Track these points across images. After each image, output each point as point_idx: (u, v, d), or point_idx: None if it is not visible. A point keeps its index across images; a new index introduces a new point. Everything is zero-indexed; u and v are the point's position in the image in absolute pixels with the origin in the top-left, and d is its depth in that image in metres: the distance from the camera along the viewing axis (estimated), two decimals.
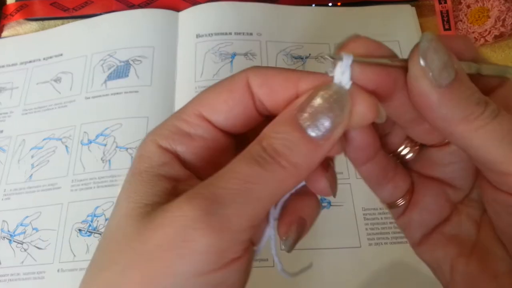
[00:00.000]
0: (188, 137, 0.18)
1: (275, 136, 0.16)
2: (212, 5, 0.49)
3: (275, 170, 0.16)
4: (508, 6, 0.46)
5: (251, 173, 0.16)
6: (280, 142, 0.16)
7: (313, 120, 0.16)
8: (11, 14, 0.53)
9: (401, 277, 0.37)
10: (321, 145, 0.16)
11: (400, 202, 0.21)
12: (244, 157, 0.16)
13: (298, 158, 0.16)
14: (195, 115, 0.18)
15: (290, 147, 0.16)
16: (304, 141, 0.16)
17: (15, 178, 0.43)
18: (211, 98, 0.18)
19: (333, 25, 0.49)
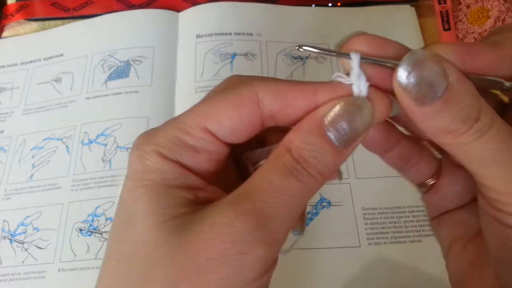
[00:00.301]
0: (193, 151, 0.18)
1: (305, 148, 0.17)
2: (212, 5, 0.49)
3: (307, 180, 0.17)
4: (508, 7, 0.46)
5: (289, 186, 0.17)
6: (310, 153, 0.17)
7: (339, 131, 0.17)
8: (12, 14, 0.53)
9: (401, 277, 0.37)
10: (345, 153, 0.18)
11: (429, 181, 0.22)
12: (278, 168, 0.17)
13: (325, 167, 0.17)
14: (199, 128, 0.18)
15: (319, 158, 0.17)
16: (331, 152, 0.17)
17: (15, 178, 0.43)
18: (216, 112, 0.18)
19: (333, 25, 0.49)
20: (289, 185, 0.17)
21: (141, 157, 0.18)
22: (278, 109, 0.18)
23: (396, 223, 0.39)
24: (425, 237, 0.38)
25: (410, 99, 0.16)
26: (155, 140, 0.18)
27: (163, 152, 0.18)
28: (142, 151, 0.18)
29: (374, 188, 0.40)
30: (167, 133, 0.18)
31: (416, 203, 0.40)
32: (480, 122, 0.16)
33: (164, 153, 0.18)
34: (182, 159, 0.18)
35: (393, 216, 0.39)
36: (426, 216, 0.39)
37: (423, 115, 0.17)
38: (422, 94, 0.16)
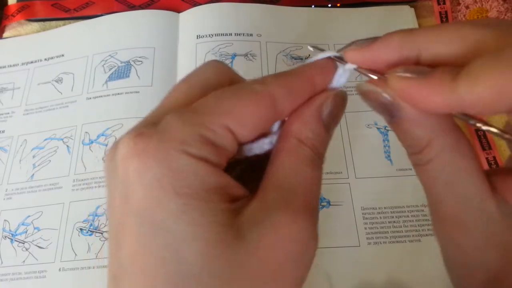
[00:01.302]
0: (214, 147, 0.17)
1: (315, 138, 0.19)
2: (212, 6, 0.49)
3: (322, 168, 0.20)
4: (507, 7, 0.47)
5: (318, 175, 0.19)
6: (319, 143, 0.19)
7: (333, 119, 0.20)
8: (13, 14, 0.53)
9: (400, 277, 0.37)
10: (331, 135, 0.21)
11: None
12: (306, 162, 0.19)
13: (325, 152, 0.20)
14: (223, 126, 0.17)
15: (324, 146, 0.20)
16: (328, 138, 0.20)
17: (16, 178, 0.43)
18: (239, 111, 0.17)
19: (333, 26, 0.49)
20: (317, 175, 0.19)
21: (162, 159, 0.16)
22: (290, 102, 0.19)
23: (395, 222, 0.39)
24: (425, 237, 0.38)
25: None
26: (173, 138, 0.16)
27: (190, 151, 0.16)
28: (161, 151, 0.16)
29: (374, 188, 0.40)
30: (187, 129, 0.17)
31: (415, 203, 0.40)
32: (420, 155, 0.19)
33: (191, 152, 0.16)
34: (209, 156, 0.17)
35: (392, 216, 0.39)
36: (425, 216, 0.39)
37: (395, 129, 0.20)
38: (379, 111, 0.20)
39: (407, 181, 0.41)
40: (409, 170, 0.41)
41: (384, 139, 0.43)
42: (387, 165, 0.41)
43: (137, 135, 0.17)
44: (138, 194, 0.16)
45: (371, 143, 0.42)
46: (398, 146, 0.44)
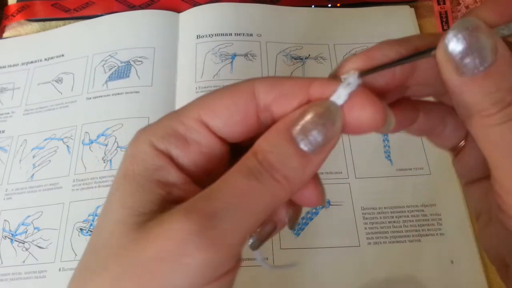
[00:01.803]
0: (183, 141, 0.18)
1: (270, 150, 0.17)
2: (212, 6, 0.49)
3: (270, 184, 0.16)
4: None
5: (248, 186, 0.16)
6: (274, 156, 0.16)
7: (305, 134, 0.16)
8: (13, 14, 0.53)
9: (400, 276, 0.37)
10: (313, 159, 0.17)
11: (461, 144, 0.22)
12: (241, 170, 0.17)
13: (290, 172, 0.17)
14: (194, 118, 0.18)
15: (284, 161, 0.16)
16: (297, 156, 0.17)
17: (16, 178, 0.43)
18: (212, 102, 0.18)
19: (333, 26, 0.49)
20: (247, 185, 0.16)
21: (132, 145, 0.18)
22: (273, 100, 0.18)
23: (395, 222, 0.39)
24: (425, 237, 0.38)
25: (451, 65, 0.16)
26: (150, 129, 0.18)
27: (153, 141, 0.18)
28: (136, 140, 0.18)
29: (374, 188, 0.40)
30: (163, 122, 0.18)
31: (415, 203, 0.40)
32: (509, 109, 0.16)
33: (154, 142, 0.18)
34: (171, 149, 0.18)
35: (392, 216, 0.39)
36: (425, 216, 0.39)
37: (459, 86, 0.16)
38: (464, 63, 0.16)
39: (407, 181, 0.41)
40: (409, 170, 0.41)
41: (384, 139, 0.43)
42: (387, 165, 0.41)
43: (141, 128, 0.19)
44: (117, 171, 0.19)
45: (371, 143, 0.42)
46: (398, 146, 0.44)
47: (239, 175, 0.16)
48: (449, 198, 0.40)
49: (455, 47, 0.16)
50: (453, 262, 0.37)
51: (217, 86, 0.45)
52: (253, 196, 0.16)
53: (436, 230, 0.38)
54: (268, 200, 0.16)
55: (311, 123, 0.16)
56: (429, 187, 0.40)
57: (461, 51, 0.16)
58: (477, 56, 0.16)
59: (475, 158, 0.21)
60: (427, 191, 0.40)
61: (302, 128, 0.16)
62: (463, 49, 0.16)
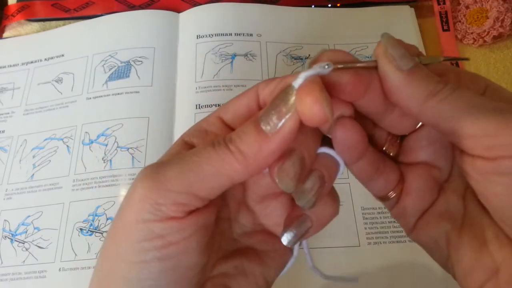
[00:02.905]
0: (204, 133, 0.21)
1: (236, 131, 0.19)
2: (212, 6, 0.50)
3: (223, 153, 0.18)
4: (507, 7, 0.47)
5: (202, 150, 0.19)
6: (235, 133, 0.19)
7: (265, 115, 0.18)
8: (13, 14, 0.53)
9: (400, 276, 0.37)
10: (270, 138, 0.18)
11: (391, 194, 0.23)
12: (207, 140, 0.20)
13: (246, 146, 0.18)
14: (215, 116, 0.22)
15: (241, 136, 0.18)
16: (255, 132, 0.18)
17: (16, 178, 0.43)
18: (232, 104, 0.22)
19: (333, 26, 0.49)
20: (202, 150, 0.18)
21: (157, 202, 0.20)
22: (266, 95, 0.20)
23: (395, 222, 0.39)
24: None
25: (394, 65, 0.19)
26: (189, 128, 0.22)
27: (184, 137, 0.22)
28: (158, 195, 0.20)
29: None
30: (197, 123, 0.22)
31: None
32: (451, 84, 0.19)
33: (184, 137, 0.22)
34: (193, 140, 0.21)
35: None
36: None
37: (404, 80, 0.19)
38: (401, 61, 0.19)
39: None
40: None
41: None
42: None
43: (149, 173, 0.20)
44: None
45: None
46: None
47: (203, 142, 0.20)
48: None
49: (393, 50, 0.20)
50: None
51: (217, 86, 0.45)
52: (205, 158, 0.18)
53: None
54: (218, 166, 0.18)
55: (270, 104, 0.18)
56: None
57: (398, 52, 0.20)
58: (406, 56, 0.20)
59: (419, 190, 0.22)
60: None
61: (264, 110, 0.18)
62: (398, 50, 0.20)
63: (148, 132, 0.43)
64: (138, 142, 0.42)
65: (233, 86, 0.45)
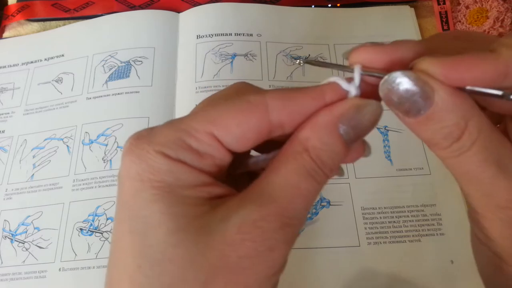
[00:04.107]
0: (197, 154, 0.18)
1: (322, 148, 0.18)
2: (212, 6, 0.49)
3: (324, 180, 0.18)
4: (507, 7, 0.47)
5: (310, 188, 0.18)
6: (327, 154, 0.18)
7: (354, 132, 0.18)
8: (13, 14, 0.53)
9: (400, 276, 0.37)
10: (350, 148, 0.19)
11: None
12: (300, 171, 0.18)
13: (336, 165, 0.19)
14: (206, 133, 0.18)
15: (333, 157, 0.18)
16: (344, 149, 0.18)
17: (16, 178, 0.43)
18: (225, 119, 0.18)
19: (333, 26, 0.49)
20: (310, 188, 0.18)
21: (143, 157, 0.18)
22: (288, 115, 0.18)
23: (395, 222, 0.39)
24: (425, 237, 0.38)
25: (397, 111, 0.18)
26: (156, 140, 0.18)
27: (166, 152, 0.18)
28: (143, 151, 0.18)
29: (374, 188, 0.40)
30: (170, 134, 0.18)
31: (415, 203, 0.40)
32: (460, 142, 0.17)
33: (168, 153, 0.18)
34: (187, 160, 0.18)
35: (392, 216, 0.39)
36: (425, 216, 0.39)
37: (409, 126, 0.18)
38: (405, 110, 0.17)
39: (407, 181, 0.41)
40: (409, 170, 0.41)
41: (384, 139, 0.43)
42: (387, 165, 0.41)
43: (135, 136, 0.19)
44: (125, 185, 0.18)
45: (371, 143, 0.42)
46: (398, 146, 0.44)
47: (298, 176, 0.18)
48: (449, 198, 0.40)
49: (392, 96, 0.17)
50: (453, 262, 0.37)
51: (217, 86, 0.45)
52: (313, 193, 0.18)
53: (436, 230, 0.38)
54: (319, 192, 0.19)
55: (356, 117, 0.18)
56: (429, 187, 0.40)
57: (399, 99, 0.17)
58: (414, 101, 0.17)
59: None
60: (427, 191, 0.40)
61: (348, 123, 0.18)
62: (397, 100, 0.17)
63: None
64: None
65: None
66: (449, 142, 0.17)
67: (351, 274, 0.37)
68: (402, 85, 0.17)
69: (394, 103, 0.17)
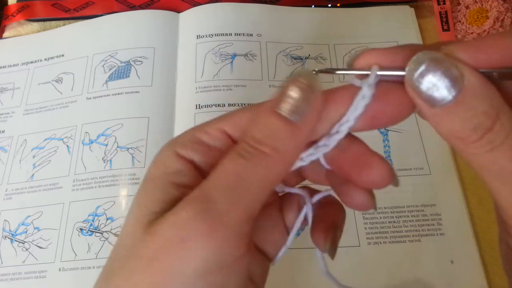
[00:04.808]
0: (206, 147, 0.19)
1: (255, 127, 0.17)
2: (212, 6, 0.50)
3: (259, 159, 0.17)
4: (507, 7, 0.47)
5: (238, 167, 0.16)
6: (261, 131, 0.17)
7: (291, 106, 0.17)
8: (13, 14, 0.53)
9: (400, 276, 0.37)
10: (300, 126, 0.17)
11: None
12: (230, 154, 0.17)
13: (280, 142, 0.17)
14: (217, 129, 0.19)
15: (270, 133, 0.17)
16: (283, 125, 0.17)
17: (16, 178, 0.43)
18: (236, 116, 0.19)
19: (333, 26, 0.49)
20: (237, 166, 0.16)
21: (157, 153, 0.19)
22: None
23: (395, 222, 0.39)
24: (425, 237, 0.38)
25: (420, 100, 0.16)
26: (176, 139, 0.19)
27: (176, 148, 0.18)
28: (161, 149, 0.19)
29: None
30: (188, 132, 0.19)
31: (415, 203, 0.40)
32: (492, 133, 0.15)
33: (177, 149, 0.18)
34: (194, 155, 0.18)
35: (392, 216, 0.39)
36: (425, 216, 0.39)
37: (434, 118, 0.16)
38: (431, 96, 0.16)
39: (407, 181, 0.41)
40: (409, 170, 0.41)
41: (384, 139, 0.43)
42: None
43: None
44: None
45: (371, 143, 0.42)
46: (398, 146, 0.44)
47: (229, 159, 0.17)
48: (449, 198, 0.40)
49: (418, 82, 0.16)
50: (453, 262, 0.37)
51: (217, 86, 0.45)
52: (244, 174, 0.16)
53: (436, 230, 0.38)
54: (262, 175, 0.17)
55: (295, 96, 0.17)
56: (429, 187, 0.40)
57: (425, 85, 0.16)
58: (442, 87, 0.15)
59: None
60: (427, 191, 0.40)
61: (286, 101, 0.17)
62: (425, 84, 0.16)
63: (148, 132, 0.43)
64: (138, 142, 0.42)
65: (233, 86, 0.45)
66: (479, 133, 0.15)
67: (351, 274, 0.37)
68: (429, 71, 0.15)
69: (422, 93, 0.16)
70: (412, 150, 0.42)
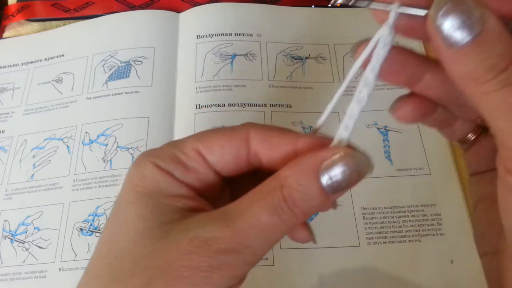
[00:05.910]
0: (184, 167, 0.20)
1: (297, 188, 0.18)
2: (212, 6, 0.50)
3: (290, 220, 0.18)
4: None
5: (270, 223, 0.18)
6: (299, 195, 0.18)
7: (332, 179, 0.18)
8: (13, 14, 0.53)
9: (400, 277, 0.37)
10: (332, 198, 0.19)
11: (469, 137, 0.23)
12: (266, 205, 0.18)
13: (310, 209, 0.19)
14: (193, 149, 0.20)
15: (307, 201, 0.18)
16: (321, 197, 0.18)
17: (16, 178, 0.43)
18: (210, 139, 0.21)
19: (333, 25, 0.49)
20: (270, 222, 0.18)
21: (138, 167, 0.20)
22: (263, 149, 0.20)
23: (395, 222, 0.39)
24: (425, 237, 0.38)
25: (440, 38, 0.16)
26: (153, 154, 0.21)
27: (158, 163, 0.20)
28: (140, 162, 0.21)
29: (374, 188, 0.40)
30: (165, 149, 0.21)
31: (415, 203, 0.40)
32: (507, 72, 0.16)
33: (159, 164, 0.20)
34: (174, 172, 0.20)
35: (392, 216, 0.39)
36: (425, 216, 0.39)
37: (450, 58, 0.16)
38: (452, 35, 0.16)
39: (407, 181, 0.41)
40: (409, 170, 0.41)
41: (384, 139, 0.43)
42: (387, 165, 0.41)
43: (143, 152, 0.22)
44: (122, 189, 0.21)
45: (371, 143, 0.42)
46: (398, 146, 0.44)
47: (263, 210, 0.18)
48: (449, 198, 0.40)
49: (441, 20, 0.16)
50: (453, 262, 0.37)
51: (217, 86, 0.45)
52: (274, 229, 0.18)
53: (436, 230, 0.39)
54: (284, 230, 0.19)
55: (340, 168, 0.18)
56: (429, 187, 0.40)
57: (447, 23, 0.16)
58: (463, 27, 0.16)
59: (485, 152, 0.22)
60: (427, 191, 0.40)
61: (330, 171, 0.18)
62: (448, 21, 0.16)
63: (148, 132, 0.43)
64: (138, 142, 0.42)
65: (233, 86, 0.45)
66: (493, 73, 0.16)
67: (351, 274, 0.37)
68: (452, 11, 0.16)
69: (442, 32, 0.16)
70: (412, 150, 0.42)
